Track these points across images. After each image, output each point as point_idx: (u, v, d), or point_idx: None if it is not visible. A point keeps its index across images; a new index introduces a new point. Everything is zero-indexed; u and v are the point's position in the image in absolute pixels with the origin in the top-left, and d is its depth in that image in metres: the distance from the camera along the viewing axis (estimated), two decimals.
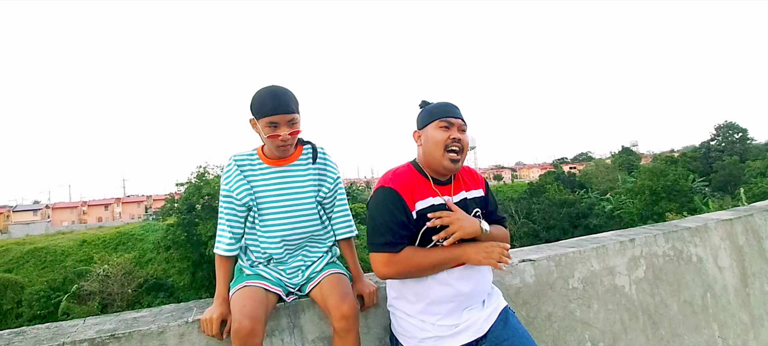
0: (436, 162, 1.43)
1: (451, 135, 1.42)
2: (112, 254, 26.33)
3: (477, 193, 1.54)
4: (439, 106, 1.47)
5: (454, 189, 1.49)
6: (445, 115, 1.44)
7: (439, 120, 1.44)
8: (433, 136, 1.43)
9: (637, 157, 53.28)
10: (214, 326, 1.42)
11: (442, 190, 1.47)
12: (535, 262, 2.07)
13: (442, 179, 1.48)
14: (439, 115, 1.44)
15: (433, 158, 1.43)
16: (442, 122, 1.43)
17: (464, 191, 1.51)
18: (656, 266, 2.41)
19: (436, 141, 1.42)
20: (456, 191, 1.49)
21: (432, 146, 1.43)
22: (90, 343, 1.37)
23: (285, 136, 1.49)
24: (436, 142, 1.42)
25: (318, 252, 1.67)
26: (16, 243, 32.29)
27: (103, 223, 45.69)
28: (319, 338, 1.58)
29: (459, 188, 1.50)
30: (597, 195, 36.27)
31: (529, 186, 35.83)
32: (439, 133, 1.43)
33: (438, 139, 1.42)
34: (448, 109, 1.46)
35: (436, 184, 1.47)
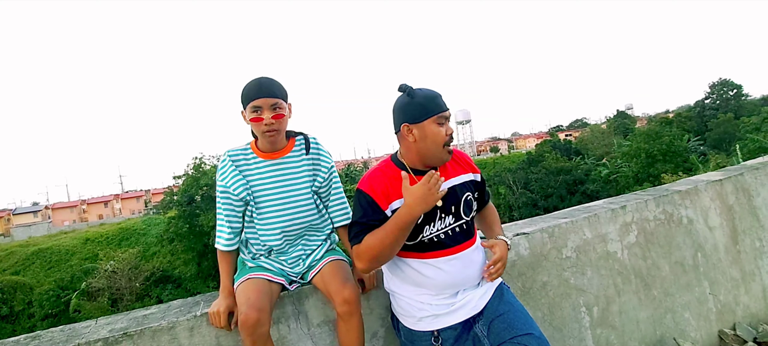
0: (435, 158, 1.45)
1: (448, 130, 1.43)
2: (117, 250, 26.53)
3: (466, 177, 1.54)
4: (430, 99, 1.43)
5: None
6: (440, 110, 1.43)
7: (437, 116, 1.42)
8: (433, 133, 1.42)
9: (632, 121, 53.21)
10: (222, 318, 1.48)
11: None
12: (529, 235, 2.13)
13: (425, 170, 1.46)
14: (435, 111, 1.42)
15: (433, 155, 1.45)
16: (439, 118, 1.42)
17: (451, 178, 1.50)
18: (647, 231, 2.48)
19: (437, 140, 1.42)
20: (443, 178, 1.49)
21: (432, 144, 1.42)
22: (104, 342, 1.43)
23: (268, 120, 1.51)
24: (436, 141, 1.42)
25: (317, 240, 1.71)
26: (19, 246, 32.41)
27: (104, 220, 45.79)
28: (324, 321, 1.64)
29: (445, 175, 1.49)
30: (593, 161, 36.39)
31: (528, 156, 35.89)
32: (438, 130, 1.42)
33: (439, 138, 1.42)
34: (441, 102, 1.44)
35: (419, 175, 1.45)
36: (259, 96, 1.50)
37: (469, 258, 1.48)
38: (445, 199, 1.47)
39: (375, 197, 1.42)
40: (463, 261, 1.47)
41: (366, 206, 1.43)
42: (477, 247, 1.54)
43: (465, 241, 1.49)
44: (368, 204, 1.42)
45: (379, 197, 1.42)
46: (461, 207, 1.50)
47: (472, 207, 1.54)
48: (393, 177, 1.47)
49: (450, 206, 1.48)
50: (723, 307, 2.60)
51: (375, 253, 1.38)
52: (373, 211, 1.41)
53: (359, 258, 1.42)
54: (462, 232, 1.49)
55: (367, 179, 1.47)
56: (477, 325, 1.48)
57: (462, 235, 1.49)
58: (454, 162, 1.56)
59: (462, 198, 1.51)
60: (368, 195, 1.43)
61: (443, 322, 1.45)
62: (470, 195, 1.54)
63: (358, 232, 1.42)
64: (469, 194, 1.53)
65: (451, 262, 1.45)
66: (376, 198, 1.42)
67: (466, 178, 1.55)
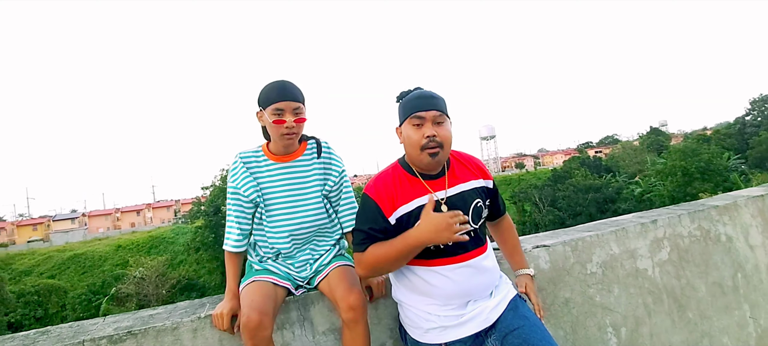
0: (416, 160, 1.39)
1: (424, 132, 1.34)
2: (146, 257, 27.42)
3: (477, 183, 1.47)
4: (409, 99, 1.39)
5: (449, 182, 1.43)
6: (414, 110, 1.36)
7: (411, 117, 1.36)
8: (408, 135, 1.37)
9: (666, 138, 51.14)
10: (225, 320, 1.45)
11: (435, 185, 1.42)
12: (550, 247, 2.01)
13: (432, 173, 1.43)
14: (409, 112, 1.37)
15: (413, 157, 1.40)
16: (413, 119, 1.36)
17: (460, 183, 1.44)
18: (681, 248, 2.31)
19: (411, 142, 1.36)
20: (451, 183, 1.43)
21: (408, 146, 1.39)
22: (108, 340, 1.43)
23: (290, 123, 1.51)
24: (411, 143, 1.37)
25: (325, 245, 1.68)
26: (57, 250, 34.08)
27: (136, 228, 47.58)
28: (330, 329, 1.59)
29: (454, 180, 1.44)
30: (625, 179, 35.01)
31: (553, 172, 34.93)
32: (412, 132, 1.36)
33: (413, 140, 1.36)
34: (418, 103, 1.37)
35: (427, 179, 1.42)
36: (282, 99, 1.50)
37: (479, 266, 1.40)
38: (453, 205, 1.40)
39: (380, 203, 1.38)
40: (472, 270, 1.39)
41: (370, 212, 1.39)
42: (488, 255, 1.46)
43: (474, 249, 1.41)
44: (372, 210, 1.39)
45: (385, 203, 1.38)
46: (470, 214, 1.42)
47: (481, 215, 1.46)
48: (400, 181, 1.42)
49: None
50: (764, 332, 2.37)
51: (377, 265, 1.36)
52: (376, 218, 1.38)
53: (360, 265, 1.39)
54: (471, 239, 1.41)
55: (374, 184, 1.44)
56: (489, 339, 1.38)
57: (471, 242, 1.41)
58: (464, 167, 1.50)
59: (471, 204, 1.43)
60: (373, 201, 1.39)
61: (452, 334, 1.36)
62: (480, 202, 1.46)
63: (363, 239, 1.39)
64: (479, 201, 1.45)
65: (459, 270, 1.38)
66: (381, 204, 1.38)
67: (476, 184, 1.47)
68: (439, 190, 1.42)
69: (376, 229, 1.37)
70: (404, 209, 1.37)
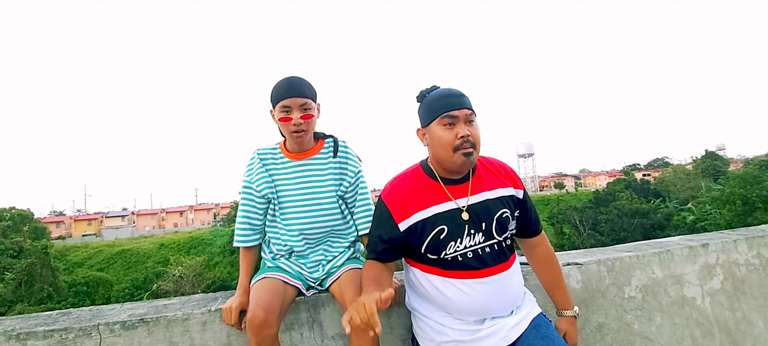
0: (448, 163, 1.29)
1: (458, 132, 1.25)
2: (185, 257, 28.70)
3: (504, 192, 1.35)
4: (437, 98, 1.30)
5: (472, 188, 1.33)
6: (445, 109, 1.27)
7: (441, 117, 1.27)
8: (438, 137, 1.28)
9: (724, 163, 47.36)
10: (233, 315, 1.43)
11: (456, 191, 1.32)
12: (583, 266, 1.86)
13: (455, 178, 1.34)
14: (439, 111, 1.27)
15: (443, 159, 1.30)
16: (444, 119, 1.27)
17: (486, 190, 1.34)
18: (737, 277, 2.06)
19: (443, 143, 1.27)
20: (475, 190, 1.33)
21: (439, 148, 1.29)
22: (122, 325, 1.44)
23: (297, 120, 1.48)
24: (442, 144, 1.27)
25: (340, 247, 1.63)
26: (107, 245, 36.45)
27: (178, 228, 50.03)
28: (339, 334, 1.53)
29: (479, 187, 1.33)
30: (676, 205, 32.68)
31: (595, 194, 33.24)
32: (444, 132, 1.27)
33: (444, 141, 1.26)
34: (448, 101, 1.28)
35: (449, 184, 1.33)
36: (288, 96, 1.48)
37: (500, 283, 1.29)
38: (474, 213, 1.30)
39: (392, 209, 1.32)
40: (493, 286, 1.28)
41: (381, 218, 1.34)
42: (514, 271, 1.34)
43: (497, 264, 1.30)
44: (383, 216, 1.33)
45: (396, 209, 1.31)
46: (493, 225, 1.31)
47: (507, 227, 1.34)
48: (419, 185, 1.34)
49: (480, 222, 1.30)
50: None
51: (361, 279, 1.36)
52: (386, 225, 1.32)
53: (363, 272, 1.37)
54: (493, 253, 1.30)
55: (390, 187, 1.37)
56: None
57: (493, 256, 1.30)
58: (491, 172, 1.39)
59: (495, 215, 1.32)
60: (386, 206, 1.33)
61: None
62: (507, 212, 1.34)
63: (373, 249, 1.36)
64: (505, 211, 1.33)
65: (478, 286, 1.27)
66: (393, 211, 1.31)
67: (503, 192, 1.35)
68: (460, 197, 1.32)
69: (384, 237, 1.32)
70: (419, 216, 1.29)
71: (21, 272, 23.30)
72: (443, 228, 1.29)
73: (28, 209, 33.05)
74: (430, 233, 1.29)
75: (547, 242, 1.50)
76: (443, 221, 1.29)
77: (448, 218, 1.29)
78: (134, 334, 1.44)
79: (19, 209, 32.09)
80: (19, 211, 32.06)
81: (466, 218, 1.29)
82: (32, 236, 30.14)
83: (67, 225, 54.27)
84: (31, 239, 28.78)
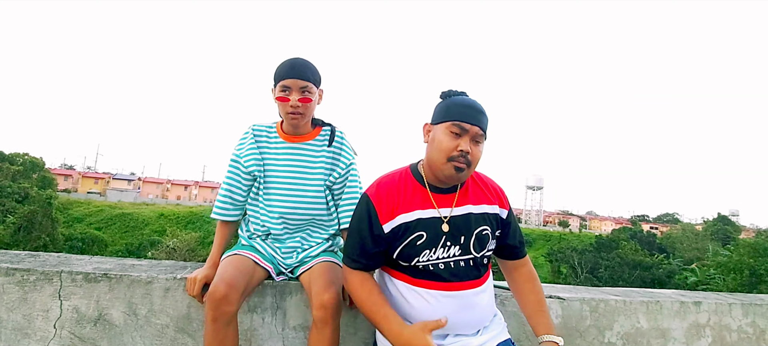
0: (437, 168, 1.24)
1: (459, 145, 1.20)
2: (182, 231, 28.86)
3: (489, 209, 1.30)
4: (457, 104, 1.24)
5: (458, 200, 1.28)
6: (459, 118, 1.21)
7: (452, 122, 1.21)
8: (439, 139, 1.23)
9: (735, 229, 46.35)
10: (196, 286, 1.40)
11: (441, 199, 1.28)
12: (565, 301, 1.79)
13: (443, 187, 1.29)
14: (453, 116, 1.22)
15: (435, 164, 1.24)
16: (453, 126, 1.21)
17: (470, 204, 1.29)
18: (727, 342, 1.97)
19: (441, 147, 1.21)
20: (460, 202, 1.28)
21: (435, 151, 1.23)
22: (84, 276, 1.42)
23: (294, 102, 1.45)
24: (440, 149, 1.22)
25: (318, 238, 1.59)
26: (109, 206, 36.88)
27: (181, 201, 50.44)
28: (301, 326, 1.48)
29: (464, 200, 1.29)
30: (679, 263, 31.98)
31: (597, 239, 32.72)
32: (446, 138, 1.21)
33: (443, 146, 1.21)
34: (466, 112, 1.21)
35: (435, 192, 1.28)
36: (289, 76, 1.45)
37: (468, 300, 1.23)
38: (455, 225, 1.25)
39: (378, 207, 1.26)
40: (461, 302, 1.22)
41: (365, 216, 1.26)
42: (485, 290, 1.29)
43: (469, 279, 1.25)
44: (368, 213, 1.26)
45: (383, 209, 1.25)
46: (471, 240, 1.26)
47: (485, 244, 1.29)
48: (406, 187, 1.30)
49: (459, 235, 1.25)
50: None
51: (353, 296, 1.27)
52: (371, 222, 1.25)
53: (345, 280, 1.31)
54: (467, 268, 1.25)
55: (376, 185, 1.31)
56: None
57: (466, 272, 1.24)
58: (479, 188, 1.34)
59: (475, 230, 1.27)
60: (372, 203, 1.26)
61: None
62: (488, 230, 1.29)
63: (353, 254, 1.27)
64: (486, 229, 1.29)
65: (444, 299, 1.22)
66: (379, 209, 1.25)
67: (488, 209, 1.30)
68: (445, 206, 1.27)
69: (369, 239, 1.25)
70: (403, 219, 1.24)
71: (22, 217, 23.63)
72: (422, 235, 1.24)
73: (41, 158, 33.67)
74: (408, 238, 1.24)
75: (531, 264, 1.44)
76: (424, 227, 1.24)
77: (429, 225, 1.24)
78: (95, 287, 1.41)
79: (32, 156, 32.71)
80: (32, 158, 32.68)
81: (446, 229, 1.24)
82: (40, 184, 30.64)
83: (74, 180, 55.13)
84: (39, 187, 29.25)
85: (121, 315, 1.41)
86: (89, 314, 1.40)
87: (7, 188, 27.02)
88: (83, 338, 1.38)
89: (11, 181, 28.28)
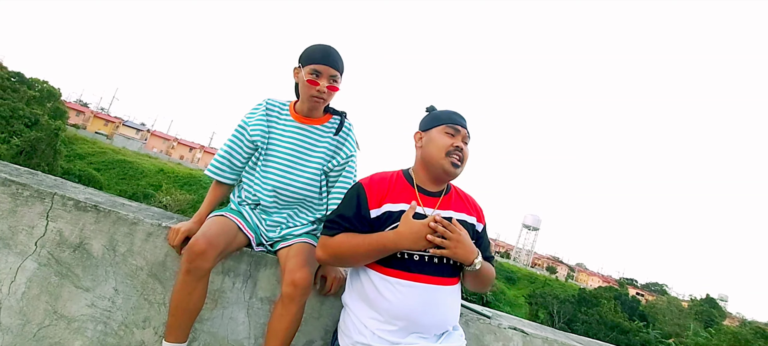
0: (435, 165, 1.37)
1: (454, 142, 1.38)
2: (177, 190, 28.96)
3: (468, 218, 1.40)
4: (447, 111, 1.45)
5: (442, 204, 1.38)
6: (451, 121, 1.41)
7: (446, 125, 1.41)
8: (436, 139, 1.39)
9: (721, 314, 45.95)
10: (178, 237, 1.44)
11: (427, 201, 1.37)
12: (528, 336, 1.82)
13: (430, 191, 1.39)
14: (445, 121, 1.41)
15: (433, 160, 1.37)
16: (448, 128, 1.40)
17: (453, 210, 1.39)
18: None
19: (439, 145, 1.38)
20: (443, 206, 1.38)
21: (433, 149, 1.38)
22: (75, 203, 1.47)
23: (322, 88, 1.52)
24: (438, 146, 1.38)
25: (305, 219, 1.64)
26: (112, 150, 37.07)
27: (183, 162, 50.63)
28: (269, 299, 1.52)
29: (448, 205, 1.39)
30: (658, 335, 31.72)
31: (580, 292, 32.48)
32: (443, 137, 1.39)
33: (441, 144, 1.38)
34: (456, 117, 1.43)
35: (423, 193, 1.38)
36: (322, 62, 1.52)
37: (434, 296, 1.28)
38: None
39: (368, 192, 1.35)
40: (428, 295, 1.27)
41: (354, 198, 1.35)
42: (452, 293, 1.33)
43: (438, 276, 1.30)
44: (358, 198, 1.34)
45: (372, 194, 1.34)
46: None
47: None
48: (397, 184, 1.39)
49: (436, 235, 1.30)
50: None
51: (341, 253, 1.30)
52: (359, 205, 1.33)
53: (324, 248, 1.33)
54: (439, 266, 1.30)
55: (371, 178, 1.42)
56: None
57: (437, 269, 1.30)
58: (461, 199, 1.45)
59: None
60: (363, 189, 1.35)
61: None
62: None
63: (335, 226, 1.34)
64: None
65: (413, 288, 1.27)
66: (369, 194, 1.34)
67: (467, 219, 1.40)
68: (429, 207, 1.36)
69: (351, 216, 1.32)
70: (389, 207, 1.33)
71: (26, 141, 23.84)
72: None
73: (58, 89, 33.92)
74: (390, 225, 1.30)
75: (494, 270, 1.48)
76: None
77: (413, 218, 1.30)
78: (82, 216, 1.46)
79: (51, 85, 32.98)
80: (50, 87, 32.93)
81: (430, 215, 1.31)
82: (52, 114, 30.86)
83: (86, 117, 55.47)
84: (50, 116, 29.46)
85: (101, 248, 1.45)
86: (71, 240, 1.45)
87: (19, 110, 27.26)
88: (60, 260, 1.43)
89: (25, 104, 28.51)
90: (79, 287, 1.43)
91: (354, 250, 1.28)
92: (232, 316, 1.49)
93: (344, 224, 1.32)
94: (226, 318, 1.49)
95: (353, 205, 1.34)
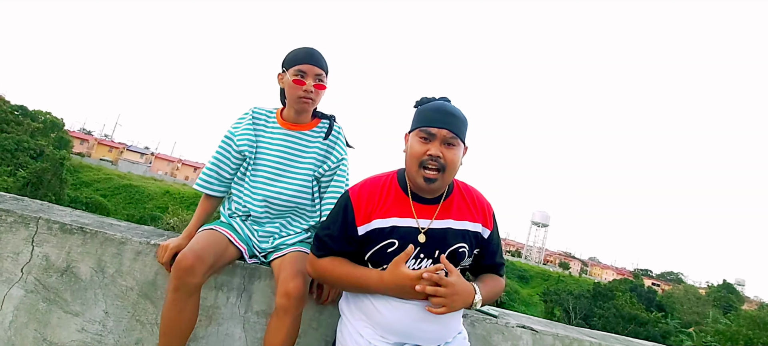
0: (411, 177, 1.24)
1: (428, 149, 1.19)
2: (184, 211, 29.05)
3: (471, 226, 1.27)
4: (426, 109, 1.24)
5: (439, 213, 1.25)
6: (425, 123, 1.21)
7: (419, 129, 1.21)
8: (411, 146, 1.23)
9: (739, 299, 45.13)
10: (166, 254, 1.40)
11: (423, 210, 1.25)
12: (537, 333, 1.74)
13: (426, 197, 1.26)
14: (420, 122, 1.22)
15: (409, 173, 1.24)
16: (421, 132, 1.21)
17: (452, 219, 1.26)
18: None
19: (412, 153, 1.22)
20: (441, 215, 1.25)
21: (408, 159, 1.24)
22: (61, 227, 1.43)
23: (309, 87, 1.49)
24: (411, 155, 1.22)
25: (298, 227, 1.59)
26: (118, 175, 37.38)
27: (188, 182, 50.90)
28: (265, 312, 1.47)
29: (446, 213, 1.26)
30: (677, 325, 31.15)
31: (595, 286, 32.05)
32: (417, 144, 1.21)
33: (414, 152, 1.21)
34: (432, 116, 1.21)
35: (418, 202, 1.25)
36: (307, 62, 1.49)
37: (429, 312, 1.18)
38: (432, 237, 1.23)
39: (356, 208, 1.25)
40: (422, 313, 1.19)
41: (341, 215, 1.26)
42: None
43: None
44: (345, 213, 1.26)
45: (361, 210, 1.24)
46: (446, 255, 1.23)
47: (460, 261, 1.27)
48: (388, 193, 1.28)
49: (434, 249, 1.23)
50: None
51: (326, 279, 1.30)
52: (346, 222, 1.25)
53: (311, 266, 1.30)
54: None
55: (361, 186, 1.30)
56: None
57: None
58: (464, 202, 1.31)
59: (452, 246, 1.24)
60: (351, 204, 1.26)
61: None
62: (465, 248, 1.26)
63: (322, 247, 1.27)
64: (463, 246, 1.25)
65: (408, 306, 1.19)
66: (357, 211, 1.25)
67: (470, 226, 1.27)
68: (425, 217, 1.25)
69: (338, 236, 1.25)
70: (378, 224, 1.23)
71: (32, 173, 24.09)
72: (394, 242, 1.22)
73: (61, 119, 34.38)
74: (379, 244, 1.23)
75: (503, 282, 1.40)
76: (397, 235, 1.22)
77: (404, 234, 1.22)
78: (68, 239, 1.43)
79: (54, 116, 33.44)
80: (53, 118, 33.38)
81: (423, 240, 1.22)
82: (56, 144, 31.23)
83: (90, 145, 56.11)
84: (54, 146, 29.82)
85: (89, 270, 1.41)
86: (58, 264, 1.41)
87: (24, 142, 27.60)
88: (47, 286, 1.39)
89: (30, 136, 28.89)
90: (68, 312, 1.39)
91: (338, 280, 1.25)
92: (227, 332, 1.44)
93: (330, 245, 1.25)
94: (221, 335, 1.44)
95: (339, 221, 1.25)
